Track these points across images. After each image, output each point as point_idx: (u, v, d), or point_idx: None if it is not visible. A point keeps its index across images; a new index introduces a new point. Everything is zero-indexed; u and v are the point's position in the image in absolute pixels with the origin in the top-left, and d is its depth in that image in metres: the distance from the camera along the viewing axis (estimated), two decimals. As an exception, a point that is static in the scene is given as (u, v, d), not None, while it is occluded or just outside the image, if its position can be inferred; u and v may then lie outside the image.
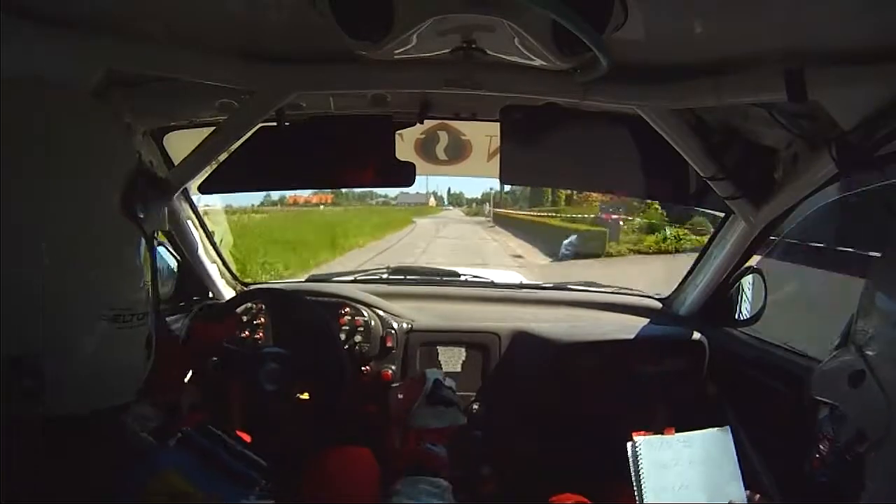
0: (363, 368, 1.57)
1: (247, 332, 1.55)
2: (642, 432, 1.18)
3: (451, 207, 40.00)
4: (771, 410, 1.38)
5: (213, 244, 1.72)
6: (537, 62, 0.95)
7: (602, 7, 0.79)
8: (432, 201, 39.93)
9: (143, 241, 0.61)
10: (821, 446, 1.11)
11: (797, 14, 0.81)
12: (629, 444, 1.16)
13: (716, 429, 1.19)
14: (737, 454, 1.20)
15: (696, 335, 1.55)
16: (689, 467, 1.16)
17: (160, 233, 1.32)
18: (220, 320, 1.40)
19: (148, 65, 1.02)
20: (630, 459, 1.15)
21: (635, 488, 1.13)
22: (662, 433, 1.19)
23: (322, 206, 28.13)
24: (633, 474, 1.14)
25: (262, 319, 1.56)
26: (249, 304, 1.55)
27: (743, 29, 0.88)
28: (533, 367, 1.55)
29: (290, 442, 1.34)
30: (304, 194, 28.02)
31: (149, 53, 1.00)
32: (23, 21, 0.86)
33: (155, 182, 0.61)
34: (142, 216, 0.59)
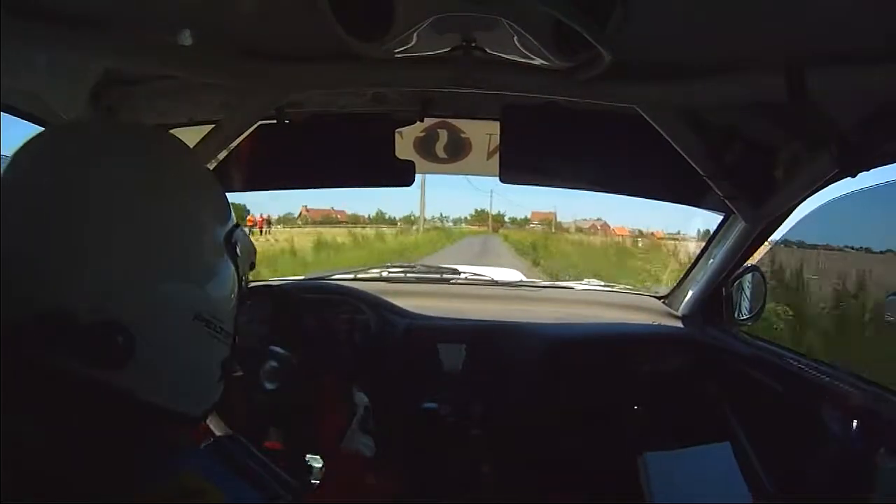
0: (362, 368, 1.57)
1: (246, 331, 1.54)
2: (650, 449, 1.18)
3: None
4: (770, 410, 1.38)
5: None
6: (537, 61, 0.94)
7: (604, 6, 0.79)
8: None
9: (236, 273, 0.65)
10: (821, 446, 1.12)
11: (797, 14, 0.80)
12: (639, 462, 1.17)
13: (715, 444, 1.20)
14: (736, 454, 1.20)
15: (697, 334, 1.55)
16: (696, 482, 1.17)
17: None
18: None
19: (148, 64, 1.02)
20: (641, 477, 1.16)
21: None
22: (670, 447, 1.20)
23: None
24: (644, 491, 1.15)
25: (263, 317, 1.55)
26: (249, 302, 1.54)
27: (743, 29, 0.88)
28: (533, 366, 1.55)
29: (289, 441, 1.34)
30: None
31: (149, 53, 0.99)
32: (22, 20, 0.85)
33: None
34: (238, 252, 0.63)
